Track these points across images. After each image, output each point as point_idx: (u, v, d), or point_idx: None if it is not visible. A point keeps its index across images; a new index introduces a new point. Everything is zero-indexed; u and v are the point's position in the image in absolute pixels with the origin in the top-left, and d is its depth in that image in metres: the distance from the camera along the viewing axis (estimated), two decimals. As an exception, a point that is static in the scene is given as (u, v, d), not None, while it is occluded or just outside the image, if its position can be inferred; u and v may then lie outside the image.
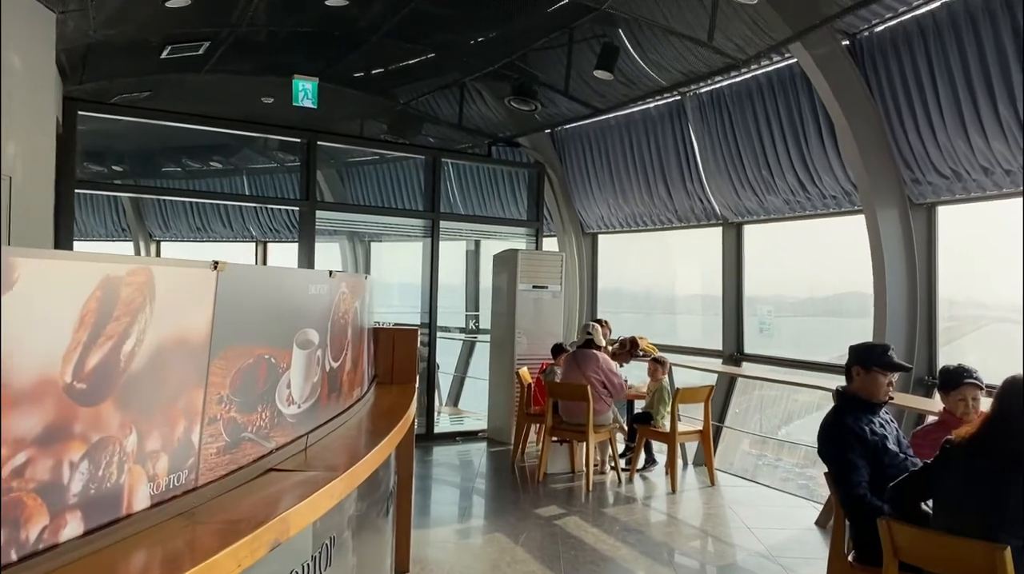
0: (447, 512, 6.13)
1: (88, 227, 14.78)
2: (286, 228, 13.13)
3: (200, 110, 7.75)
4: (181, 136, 11.44)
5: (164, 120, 7.42)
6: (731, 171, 7.52)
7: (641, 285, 10.69)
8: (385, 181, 11.64)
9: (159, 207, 14.28)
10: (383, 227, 10.14)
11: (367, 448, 2.64)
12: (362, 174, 12.07)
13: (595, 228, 9.72)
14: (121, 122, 9.93)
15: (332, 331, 2.73)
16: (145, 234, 14.50)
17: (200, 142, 12.10)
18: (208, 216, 13.94)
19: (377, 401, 3.82)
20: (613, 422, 7.10)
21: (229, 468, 2.00)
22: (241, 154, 12.41)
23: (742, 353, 8.07)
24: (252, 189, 12.33)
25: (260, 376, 2.13)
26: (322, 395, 2.66)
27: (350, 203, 10.39)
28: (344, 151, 11.95)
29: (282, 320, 2.28)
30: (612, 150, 8.82)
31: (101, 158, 12.33)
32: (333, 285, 2.70)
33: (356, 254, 13.00)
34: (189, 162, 12.93)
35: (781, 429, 9.85)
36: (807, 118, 6.52)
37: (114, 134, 10.89)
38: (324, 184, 12.14)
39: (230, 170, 12.75)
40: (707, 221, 8.26)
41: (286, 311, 2.30)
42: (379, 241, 12.76)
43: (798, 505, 6.48)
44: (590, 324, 7.26)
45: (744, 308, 8.10)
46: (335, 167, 12.18)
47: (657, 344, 8.17)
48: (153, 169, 12.80)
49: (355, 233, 12.37)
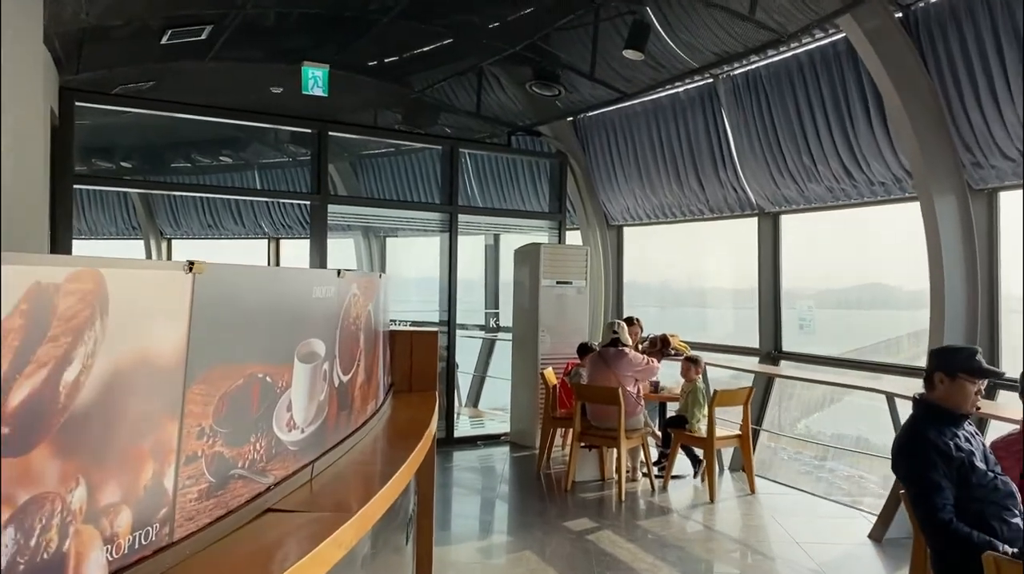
0: (469, 527, 5.78)
1: (98, 225, 14.61)
2: (299, 224, 12.83)
3: (205, 101, 7.42)
4: (188, 130, 11.17)
5: (166, 111, 7.12)
6: (768, 158, 7.09)
7: (669, 280, 10.28)
8: (401, 174, 11.31)
9: (170, 204, 14.06)
10: (399, 221, 9.80)
11: (383, 478, 2.27)
12: (377, 167, 11.77)
13: (620, 220, 9.32)
14: (127, 116, 9.63)
15: (342, 339, 2.37)
16: (156, 232, 14.29)
17: (208, 136, 11.84)
18: (219, 212, 13.71)
19: (394, 414, 3.47)
20: (644, 426, 6.71)
21: (215, 514, 1.65)
22: (251, 148, 12.12)
23: (780, 351, 7.65)
24: (264, 184, 12.05)
25: (252, 399, 1.77)
26: (330, 415, 2.30)
27: (364, 196, 10.01)
28: (358, 143, 11.65)
29: (280, 330, 1.92)
30: (639, 138, 8.41)
31: (107, 153, 12.10)
32: (342, 286, 2.34)
33: (372, 250, 12.71)
34: (198, 157, 12.65)
35: (800, 422, 9.43)
36: (854, 99, 6.09)
37: (119, 128, 10.63)
38: (337, 178, 11.87)
39: (240, 165, 12.48)
40: (741, 211, 7.84)
41: (285, 319, 1.94)
42: (395, 236, 12.46)
43: (846, 515, 6.08)
44: (616, 322, 6.89)
45: (782, 303, 7.68)
46: (349, 160, 11.90)
47: (687, 342, 7.78)
48: (160, 164, 12.56)
49: (370, 228, 12.09)
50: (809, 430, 9.52)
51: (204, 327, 1.53)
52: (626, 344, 6.77)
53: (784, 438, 8.99)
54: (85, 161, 12.36)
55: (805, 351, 7.53)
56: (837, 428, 9.40)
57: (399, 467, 2.51)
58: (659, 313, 10.09)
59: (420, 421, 3.30)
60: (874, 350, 8.25)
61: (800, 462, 9.03)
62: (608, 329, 6.88)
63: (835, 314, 8.99)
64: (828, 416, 9.53)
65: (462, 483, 7.17)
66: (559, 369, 7.83)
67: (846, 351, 7.70)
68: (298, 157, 11.73)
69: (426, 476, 4.06)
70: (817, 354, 7.35)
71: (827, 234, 7.67)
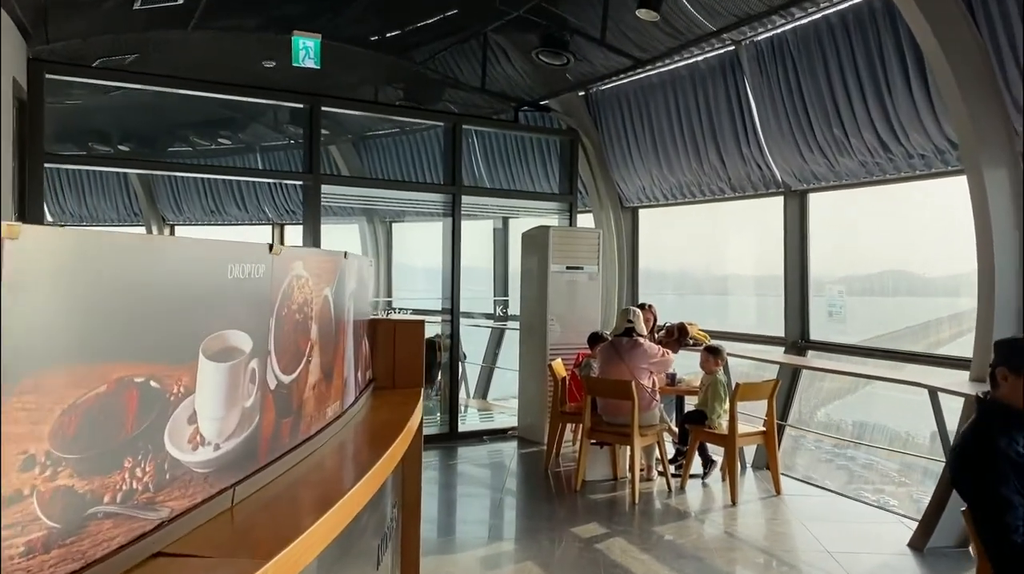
0: (469, 533, 5.35)
1: (99, 211, 14.41)
2: (303, 208, 12.45)
3: (191, 75, 7.00)
4: (184, 111, 10.79)
5: (147, 84, 6.69)
6: (795, 131, 6.59)
7: (687, 264, 9.78)
8: (406, 155, 10.91)
9: (172, 190, 13.80)
10: (402, 203, 9.35)
11: (329, 501, 1.84)
12: (381, 148, 11.37)
13: (636, 201, 8.83)
14: (121, 96, 9.27)
15: (280, 331, 1.93)
16: (158, 217, 14.05)
17: (204, 116, 11.49)
18: (222, 198, 13.41)
19: (369, 415, 3.04)
20: (660, 422, 6.27)
21: (66, 569, 1.22)
22: (251, 130, 11.75)
23: (808, 340, 7.16)
24: (267, 167, 11.68)
25: (126, 411, 1.34)
26: (264, 425, 1.87)
27: (358, 176, 9.58)
28: (361, 124, 11.26)
29: (175, 319, 1.48)
30: (655, 112, 7.91)
31: (104, 136, 11.77)
32: (278, 266, 1.90)
33: (376, 235, 12.32)
34: (197, 139, 12.31)
35: (819, 410, 8.97)
36: (891, 62, 5.57)
37: (113, 109, 10.27)
38: (340, 159, 11.50)
39: (240, 148, 12.12)
40: (766, 190, 7.34)
41: (182, 305, 1.51)
42: (401, 221, 12.07)
43: (881, 520, 5.62)
44: (631, 309, 6.42)
45: (810, 289, 7.18)
46: (351, 141, 11.51)
47: (707, 331, 7.31)
48: (157, 147, 12.24)
49: (375, 214, 11.72)
50: (829, 418, 9.05)
51: (31, 315, 1.10)
52: (641, 334, 6.32)
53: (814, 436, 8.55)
54: (80, 143, 12.08)
55: (835, 340, 7.04)
56: (858, 415, 8.94)
57: (358, 480, 2.09)
58: (677, 300, 9.61)
59: (397, 422, 2.87)
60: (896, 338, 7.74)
61: (821, 450, 8.60)
62: (622, 317, 6.42)
63: (863, 301, 8.48)
64: (848, 404, 9.05)
65: (464, 482, 6.76)
66: (569, 360, 7.39)
67: (867, 338, 7.18)
68: (299, 139, 11.34)
69: (412, 479, 3.65)
70: (849, 343, 6.85)
71: (859, 213, 7.15)
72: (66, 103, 10.37)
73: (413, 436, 3.60)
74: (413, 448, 3.63)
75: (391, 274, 12.30)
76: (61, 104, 10.44)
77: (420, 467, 3.65)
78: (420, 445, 3.64)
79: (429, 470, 6.91)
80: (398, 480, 3.49)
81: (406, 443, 2.87)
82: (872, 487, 8.25)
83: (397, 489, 3.43)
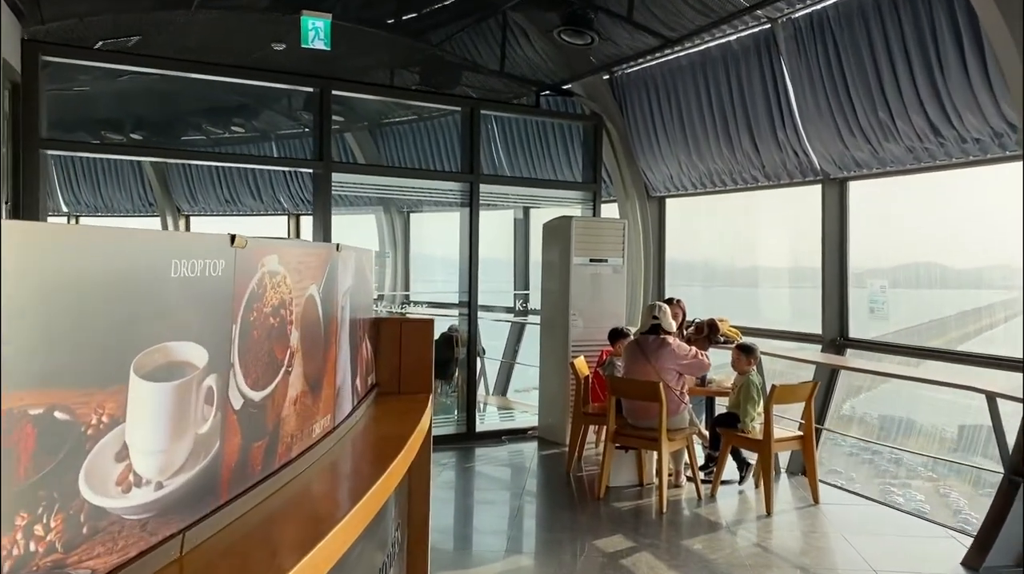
0: (486, 545, 5.05)
1: (114, 202, 14.36)
2: (313, 197, 12.20)
3: (197, 59, 6.73)
4: (194, 97, 10.60)
5: (148, 67, 6.43)
6: (836, 114, 6.20)
7: (717, 257, 9.40)
8: (424, 143, 10.62)
9: (186, 180, 13.68)
10: (419, 193, 9.05)
11: (313, 537, 1.54)
12: (398, 135, 11.10)
13: (663, 191, 8.46)
14: (132, 83, 9.07)
15: (246, 340, 1.63)
16: (173, 208, 13.95)
17: (213, 102, 11.31)
18: (237, 187, 13.25)
19: (369, 427, 2.74)
20: (690, 425, 5.93)
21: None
22: (263, 117, 11.52)
23: (847, 338, 6.78)
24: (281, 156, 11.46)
25: (15, 455, 1.04)
26: (226, 453, 1.57)
27: (372, 164, 9.30)
28: (377, 111, 10.98)
29: (94, 331, 1.18)
30: (684, 95, 7.54)
31: (116, 125, 11.60)
32: (242, 261, 1.59)
33: (394, 226, 12.06)
34: (211, 128, 12.13)
35: (846, 403, 8.59)
36: (945, 37, 5.17)
37: (125, 96, 10.07)
38: (356, 147, 11.26)
39: (256, 136, 11.92)
40: (803, 178, 6.95)
41: (106, 313, 1.20)
42: (420, 211, 11.81)
43: (928, 533, 5.25)
44: (657, 305, 6.07)
45: (849, 283, 6.80)
46: (368, 128, 11.26)
47: (738, 327, 6.96)
48: (171, 134, 12.09)
49: (391, 202, 11.48)
50: (855, 411, 8.68)
51: None
52: (669, 331, 5.98)
53: (843, 426, 8.20)
54: (93, 131, 11.92)
55: (877, 338, 6.67)
56: (884, 409, 8.58)
57: (350, 509, 1.79)
58: (706, 294, 9.24)
59: (399, 436, 2.57)
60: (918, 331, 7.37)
61: (848, 444, 8.25)
62: (647, 313, 6.08)
63: (906, 295, 8.08)
64: (874, 398, 8.68)
65: (481, 487, 6.48)
66: (592, 358, 7.07)
67: (887, 333, 6.80)
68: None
69: (419, 497, 3.36)
70: (894, 343, 6.47)
71: (904, 203, 6.75)
72: (75, 90, 10.25)
73: (419, 448, 3.31)
74: (420, 460, 3.34)
75: (408, 266, 12.05)
76: (69, 91, 10.32)
77: (428, 482, 3.35)
78: (428, 457, 3.35)
79: (445, 472, 6.64)
80: (403, 496, 3.19)
81: (409, 459, 2.58)
82: (899, 482, 7.94)
83: (402, 506, 3.13)
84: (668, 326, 5.99)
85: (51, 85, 6.85)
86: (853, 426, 8.59)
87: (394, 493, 2.96)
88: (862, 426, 8.61)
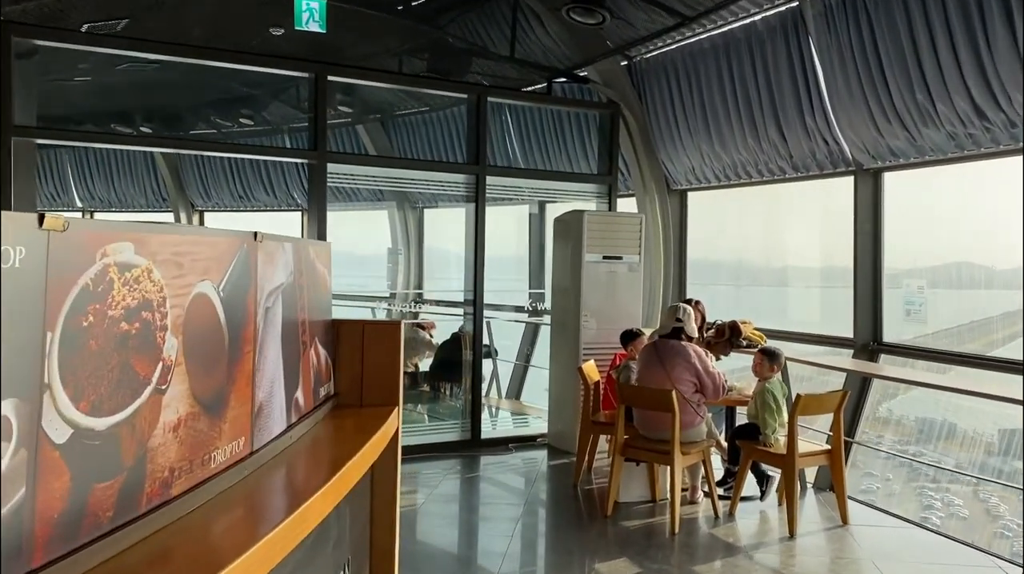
0: (480, 567, 4.66)
1: (128, 197, 14.30)
2: (333, 193, 11.91)
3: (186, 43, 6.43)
4: (199, 87, 10.36)
5: (132, 50, 6.14)
6: (870, 98, 5.73)
7: (741, 254, 8.93)
8: (437, 136, 10.29)
9: (199, 174, 13.51)
10: (428, 186, 8.69)
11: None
12: (410, 128, 10.79)
13: (684, 183, 8.02)
14: (137, 73, 8.83)
15: (74, 351, 1.26)
16: (186, 203, 13.81)
17: (219, 93, 11.09)
18: (250, 182, 13.06)
19: (311, 448, 2.37)
20: (708, 437, 5.50)
21: None
22: (274, 109, 11.25)
23: (880, 342, 6.31)
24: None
25: None
26: (38, 503, 1.20)
27: (369, 155, 8.96)
28: (389, 102, 10.66)
29: None
30: (707, 81, 7.10)
31: (126, 117, 11.41)
32: (61, 249, 1.22)
33: (407, 223, 11.74)
34: (219, 120, 11.92)
35: (883, 405, 8.10)
36: (992, 10, 4.70)
37: (133, 86, 9.85)
38: (367, 140, 10.99)
39: (268, 130, 11.69)
40: (833, 169, 6.49)
41: None
42: (434, 207, 11.48)
43: (971, 562, 4.77)
44: (680, 306, 5.62)
45: (884, 282, 6.32)
46: (381, 121, 10.97)
47: (763, 330, 6.52)
48: (180, 127, 11.92)
49: (404, 198, 11.17)
50: (891, 413, 8.19)
51: None
52: (692, 336, 5.53)
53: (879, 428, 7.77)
54: (102, 123, 11.74)
55: (913, 343, 6.19)
56: (922, 412, 8.09)
57: (239, 555, 1.43)
58: (729, 294, 8.79)
59: (340, 457, 2.19)
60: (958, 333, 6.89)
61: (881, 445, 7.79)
62: (670, 315, 5.62)
63: (946, 295, 7.57)
64: (911, 399, 8.18)
65: (481, 501, 6.10)
66: (604, 362, 6.66)
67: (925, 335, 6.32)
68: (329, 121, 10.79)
69: (383, 527, 2.98)
70: (931, 348, 5.99)
71: (945, 195, 6.26)
72: (75, 80, 10.05)
73: (383, 468, 2.95)
74: (383, 480, 2.99)
75: (422, 264, 11.74)
76: (70, 81, 10.13)
77: (394, 506, 2.97)
78: (395, 478, 2.97)
79: (445, 482, 6.29)
80: (362, 525, 2.82)
81: (349, 483, 2.20)
82: (937, 487, 7.50)
83: (359, 538, 2.76)
84: (692, 331, 5.55)
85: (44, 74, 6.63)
86: (890, 429, 8.14)
87: (348, 525, 2.60)
88: (899, 429, 8.15)
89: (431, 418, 9.40)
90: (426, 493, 5.92)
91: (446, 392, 9.66)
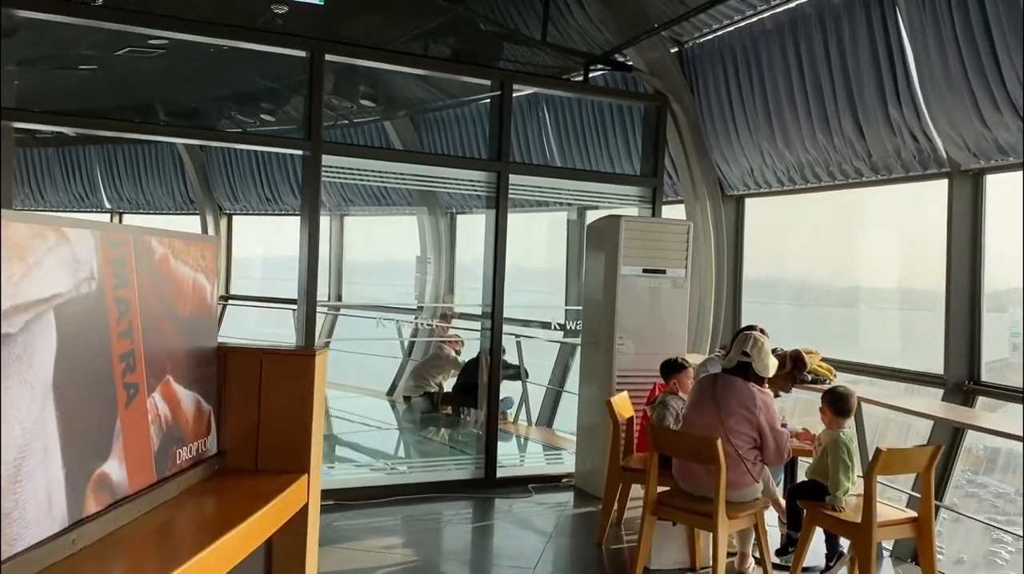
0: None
1: (155, 199, 14.11)
2: (361, 196, 11.30)
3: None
4: (216, 78, 9.86)
5: (115, 22, 5.50)
6: (973, 84, 4.76)
7: (807, 271, 7.93)
8: (468, 134, 9.59)
9: (227, 177, 13.14)
10: (453, 185, 7.91)
11: None
12: (440, 125, 10.14)
13: (741, 188, 7.09)
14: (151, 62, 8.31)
15: None
16: (214, 206, 13.51)
17: (249, 90, 10.66)
18: (278, 185, 12.64)
19: (109, 557, 1.54)
20: (764, 494, 4.55)
21: None
22: (293, 103, 10.69)
23: (978, 382, 5.28)
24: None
25: None
26: None
27: (371, 146, 8.23)
28: (418, 97, 10.03)
29: None
30: (769, 67, 6.18)
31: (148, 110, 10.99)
32: None
33: (439, 229, 11.05)
34: (238, 115, 11.44)
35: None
36: None
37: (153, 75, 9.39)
38: (394, 136, 10.41)
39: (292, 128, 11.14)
40: (923, 170, 5.51)
41: None
42: (468, 212, 10.78)
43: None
44: (752, 337, 4.52)
45: (984, 307, 5.31)
46: (410, 116, 10.35)
47: (831, 362, 5.55)
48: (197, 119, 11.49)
49: (435, 199, 10.54)
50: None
51: None
52: (762, 378, 4.53)
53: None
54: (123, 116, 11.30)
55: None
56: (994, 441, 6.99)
57: None
58: (791, 317, 7.79)
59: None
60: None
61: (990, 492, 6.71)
62: (738, 346, 4.58)
63: None
64: None
65: (485, 561, 5.23)
66: (641, 394, 5.76)
67: None
68: (354, 118, 10.19)
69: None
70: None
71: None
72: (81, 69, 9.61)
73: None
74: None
75: (453, 274, 11.04)
76: (74, 70, 9.69)
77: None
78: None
79: (449, 534, 5.49)
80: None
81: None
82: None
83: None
84: (763, 370, 4.51)
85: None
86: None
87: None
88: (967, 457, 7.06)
89: (445, 448, 8.67)
90: (421, 549, 5.11)
91: (466, 418, 8.85)
